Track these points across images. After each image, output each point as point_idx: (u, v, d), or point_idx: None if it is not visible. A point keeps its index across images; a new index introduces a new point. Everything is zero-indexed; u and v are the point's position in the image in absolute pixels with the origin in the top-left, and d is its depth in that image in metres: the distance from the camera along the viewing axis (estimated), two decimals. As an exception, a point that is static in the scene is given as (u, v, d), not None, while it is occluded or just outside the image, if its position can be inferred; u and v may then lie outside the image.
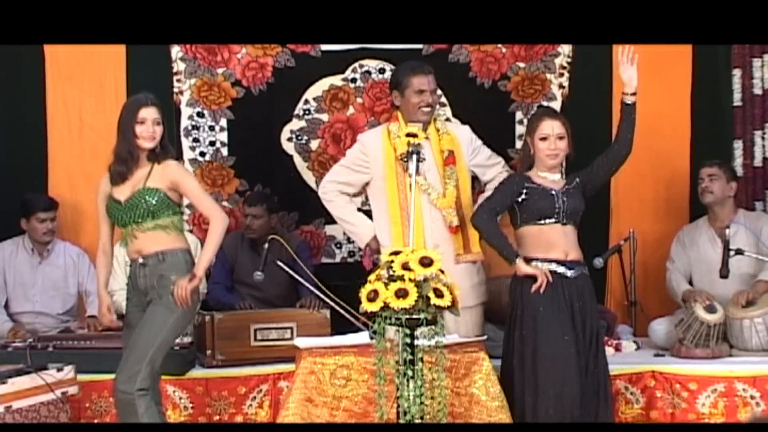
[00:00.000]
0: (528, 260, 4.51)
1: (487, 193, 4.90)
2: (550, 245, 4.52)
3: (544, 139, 4.58)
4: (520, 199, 4.55)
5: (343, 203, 4.96)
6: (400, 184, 4.77)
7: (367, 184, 4.94)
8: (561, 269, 4.50)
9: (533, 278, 4.44)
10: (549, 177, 4.60)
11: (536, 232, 4.54)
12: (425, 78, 4.83)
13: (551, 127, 4.59)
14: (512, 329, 4.53)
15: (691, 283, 5.56)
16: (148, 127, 4.32)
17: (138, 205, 4.31)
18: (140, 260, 4.33)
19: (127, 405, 4.21)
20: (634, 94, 4.63)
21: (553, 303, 4.43)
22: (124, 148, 4.35)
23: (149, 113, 4.33)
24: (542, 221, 4.53)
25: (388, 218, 4.81)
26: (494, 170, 5.02)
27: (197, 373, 4.96)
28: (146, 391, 4.22)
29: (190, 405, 4.89)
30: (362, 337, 4.43)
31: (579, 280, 4.53)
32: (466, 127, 5.12)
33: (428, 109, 4.82)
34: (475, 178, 5.08)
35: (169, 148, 4.44)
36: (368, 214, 5.04)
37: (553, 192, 4.54)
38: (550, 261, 4.50)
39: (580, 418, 4.35)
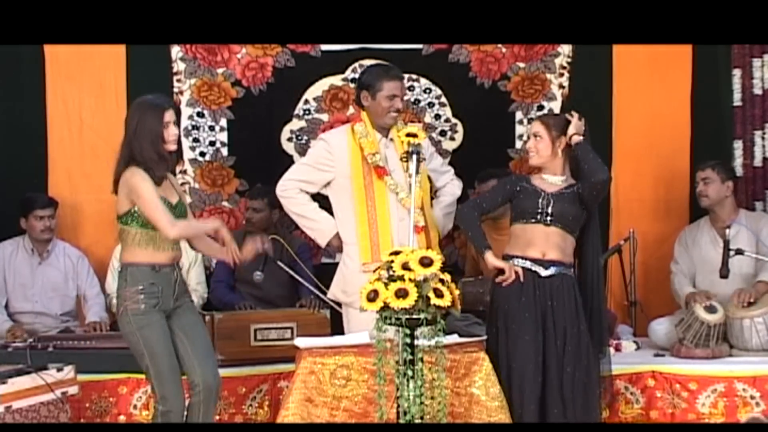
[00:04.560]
0: (507, 257, 4.57)
1: (444, 198, 5.06)
2: (529, 244, 4.56)
3: (528, 138, 4.65)
4: (513, 199, 4.64)
5: (303, 201, 4.96)
6: (366, 183, 4.82)
7: (328, 183, 4.95)
8: (535, 267, 4.52)
9: (503, 272, 4.51)
10: (548, 179, 4.62)
11: (520, 230, 4.60)
12: (398, 84, 4.88)
13: (531, 126, 4.70)
14: (488, 327, 4.59)
15: (695, 284, 5.56)
16: (173, 130, 4.28)
17: (184, 213, 4.35)
18: (177, 266, 4.35)
19: (212, 399, 4.36)
20: (573, 135, 4.59)
21: (519, 301, 4.48)
22: (152, 150, 4.22)
23: (171, 116, 4.29)
24: (525, 220, 4.58)
25: (354, 217, 4.84)
26: (446, 177, 5.12)
27: (197, 373, 4.96)
28: None
29: (190, 405, 4.89)
30: (362, 337, 4.43)
31: (555, 280, 4.53)
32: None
33: (396, 114, 4.88)
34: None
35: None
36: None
37: (542, 193, 4.57)
38: (527, 259, 4.54)
39: (542, 418, 4.38)
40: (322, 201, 5.00)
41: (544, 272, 4.53)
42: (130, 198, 4.22)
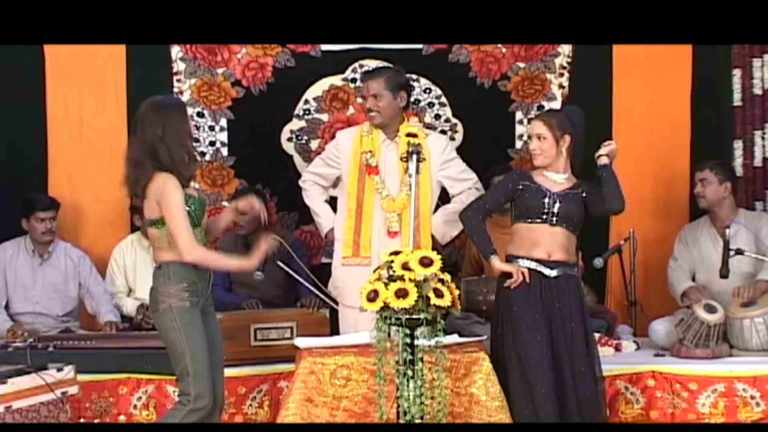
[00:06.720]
0: (511, 258, 4.56)
1: (450, 205, 5.08)
2: (534, 244, 4.55)
3: (529, 138, 4.65)
4: (515, 196, 4.60)
5: (314, 193, 5.20)
6: (360, 178, 4.93)
7: (338, 178, 5.10)
8: (541, 268, 4.52)
9: (510, 275, 4.49)
10: (551, 177, 4.60)
11: (524, 230, 4.58)
12: (365, 84, 5.01)
13: (532, 127, 4.65)
14: (493, 328, 4.59)
15: (694, 281, 5.57)
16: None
17: (202, 209, 4.27)
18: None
19: (215, 416, 4.24)
20: (607, 155, 4.61)
21: (528, 303, 4.47)
22: (182, 151, 4.13)
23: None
24: (530, 220, 4.56)
25: (345, 211, 4.97)
26: (463, 185, 5.07)
27: (197, 373, 4.95)
28: None
29: (190, 405, 4.89)
30: (362, 337, 4.43)
31: (561, 281, 4.53)
32: (443, 139, 5.25)
33: (373, 114, 4.95)
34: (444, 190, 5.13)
35: None
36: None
37: (548, 193, 4.55)
38: (532, 260, 4.53)
39: (561, 418, 4.37)
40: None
41: (550, 273, 4.52)
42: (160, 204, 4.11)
